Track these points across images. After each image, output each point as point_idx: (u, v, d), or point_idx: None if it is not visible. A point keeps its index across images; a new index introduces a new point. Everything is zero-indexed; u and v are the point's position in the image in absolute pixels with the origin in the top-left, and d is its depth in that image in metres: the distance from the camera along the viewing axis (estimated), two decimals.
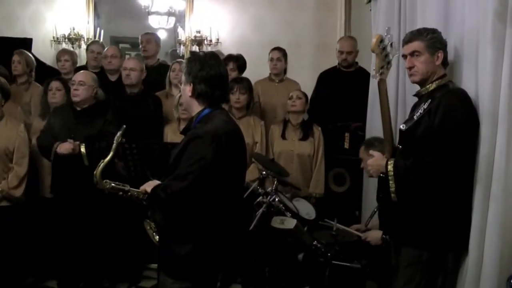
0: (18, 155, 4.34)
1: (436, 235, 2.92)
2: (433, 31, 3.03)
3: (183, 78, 2.81)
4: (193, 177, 2.57)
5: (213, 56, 2.84)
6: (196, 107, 2.79)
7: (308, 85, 5.55)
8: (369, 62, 4.51)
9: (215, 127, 2.67)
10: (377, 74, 2.94)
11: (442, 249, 2.99)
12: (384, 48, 2.90)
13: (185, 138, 2.73)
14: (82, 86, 4.32)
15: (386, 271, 3.47)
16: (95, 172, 2.85)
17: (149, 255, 4.76)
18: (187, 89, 2.77)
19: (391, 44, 2.92)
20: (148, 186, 2.78)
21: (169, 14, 7.39)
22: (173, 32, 7.51)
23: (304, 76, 5.88)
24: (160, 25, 7.28)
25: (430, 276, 3.02)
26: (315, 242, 3.75)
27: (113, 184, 2.86)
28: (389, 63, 2.97)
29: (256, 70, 5.80)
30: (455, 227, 2.92)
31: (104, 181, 2.84)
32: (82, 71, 4.74)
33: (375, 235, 3.79)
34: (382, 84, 2.99)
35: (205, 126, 2.69)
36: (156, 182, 2.77)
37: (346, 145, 4.96)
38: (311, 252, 3.75)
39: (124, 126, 2.95)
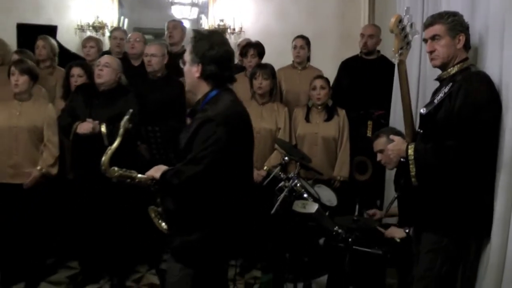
0: (49, 132, 4.42)
1: (457, 221, 2.88)
2: (454, 14, 2.97)
3: (188, 57, 2.70)
4: (208, 161, 2.51)
5: (220, 34, 2.78)
6: (204, 88, 2.70)
7: (331, 76, 5.48)
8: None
9: (225, 108, 2.61)
10: (396, 55, 2.91)
11: (463, 236, 2.95)
12: (403, 29, 2.88)
13: (196, 121, 2.62)
14: (107, 68, 4.35)
15: (407, 258, 3.44)
16: (102, 160, 2.75)
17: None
18: (193, 70, 2.67)
19: (411, 25, 2.89)
20: (156, 171, 2.71)
21: (192, 4, 7.43)
22: (196, 22, 7.53)
23: (327, 66, 5.83)
24: (183, 15, 7.30)
25: (451, 263, 2.97)
26: (336, 228, 3.73)
27: (121, 172, 2.77)
28: (408, 43, 2.94)
29: (279, 60, 5.77)
30: (476, 213, 2.88)
31: (112, 168, 2.76)
32: (107, 55, 4.79)
33: (397, 231, 3.76)
34: (401, 65, 2.96)
35: (215, 107, 2.61)
36: (163, 167, 2.70)
37: (369, 133, 4.93)
38: (332, 237, 3.73)
39: (131, 110, 2.90)
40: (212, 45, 2.62)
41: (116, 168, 2.77)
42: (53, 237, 4.72)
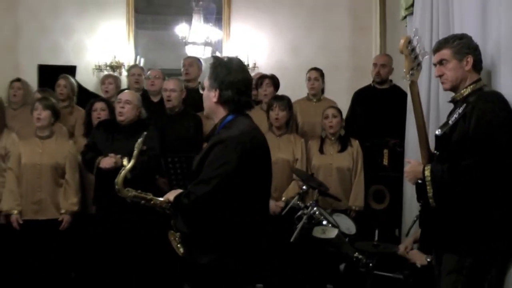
0: (71, 170, 4.56)
1: (477, 241, 2.86)
2: (461, 37, 3.03)
3: (207, 83, 2.71)
4: (217, 182, 2.51)
5: (239, 61, 2.79)
6: (220, 113, 2.72)
7: (344, 108, 5.54)
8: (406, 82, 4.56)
9: (239, 132, 2.61)
10: (407, 76, 2.97)
11: (485, 255, 2.91)
12: (413, 50, 2.95)
13: (208, 143, 2.65)
14: (128, 105, 4.44)
15: (429, 282, 3.44)
16: (116, 180, 2.77)
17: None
18: (211, 95, 2.68)
19: (419, 46, 2.95)
20: (171, 194, 2.72)
21: (206, 44, 7.58)
22: (210, 61, 7.63)
23: (341, 99, 5.88)
24: (197, 55, 7.40)
25: (474, 283, 2.93)
26: (356, 254, 3.75)
27: (135, 193, 2.79)
28: (419, 64, 3.00)
29: (293, 94, 5.82)
30: (497, 232, 2.85)
31: (126, 189, 2.78)
32: (127, 90, 4.91)
33: (419, 257, 3.75)
34: (413, 86, 3.02)
35: (229, 131, 2.63)
36: (179, 191, 2.71)
37: (385, 162, 4.95)
38: (353, 263, 3.74)
39: (145, 133, 2.94)
40: (230, 71, 2.65)
41: (130, 189, 2.79)
42: (75, 272, 4.76)
